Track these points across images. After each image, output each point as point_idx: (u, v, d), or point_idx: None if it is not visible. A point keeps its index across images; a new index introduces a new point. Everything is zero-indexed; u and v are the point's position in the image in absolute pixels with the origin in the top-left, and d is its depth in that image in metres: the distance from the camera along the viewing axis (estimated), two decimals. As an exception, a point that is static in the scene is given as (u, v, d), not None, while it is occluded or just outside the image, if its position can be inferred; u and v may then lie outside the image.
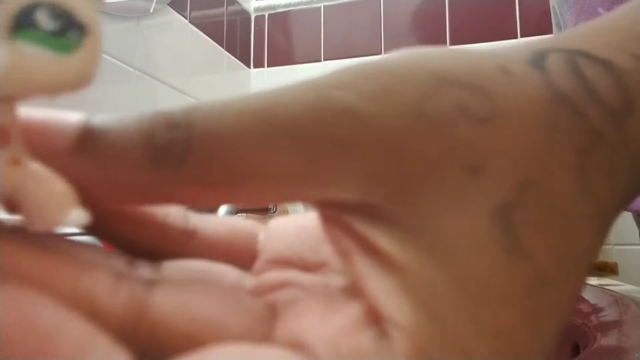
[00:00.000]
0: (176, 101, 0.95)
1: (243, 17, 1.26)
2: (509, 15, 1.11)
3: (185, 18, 1.02)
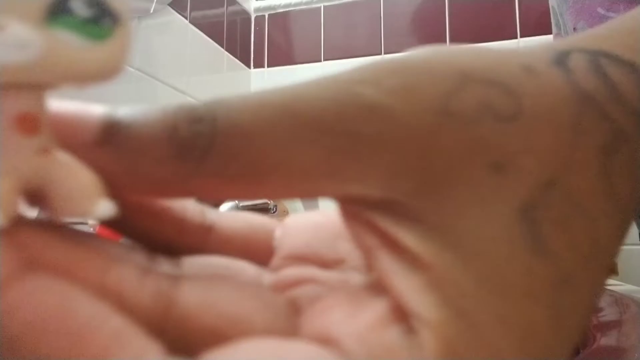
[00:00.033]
0: (176, 101, 0.95)
1: (243, 17, 1.26)
2: (509, 15, 1.11)
3: (186, 18, 1.02)
